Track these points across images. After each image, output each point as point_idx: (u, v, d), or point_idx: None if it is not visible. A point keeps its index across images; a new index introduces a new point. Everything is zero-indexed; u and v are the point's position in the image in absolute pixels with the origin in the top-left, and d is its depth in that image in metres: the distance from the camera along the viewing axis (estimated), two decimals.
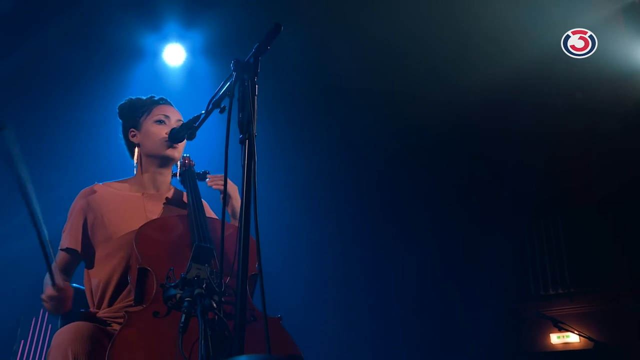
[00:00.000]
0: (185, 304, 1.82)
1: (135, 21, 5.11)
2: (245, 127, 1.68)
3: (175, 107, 2.57)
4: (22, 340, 4.81)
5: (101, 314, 2.16)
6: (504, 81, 5.15)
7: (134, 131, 2.48)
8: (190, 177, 2.48)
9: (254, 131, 1.68)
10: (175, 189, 2.56)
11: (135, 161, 2.48)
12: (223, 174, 2.34)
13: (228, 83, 1.81)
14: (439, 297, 6.16)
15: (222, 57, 5.31)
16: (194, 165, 2.58)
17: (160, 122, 2.43)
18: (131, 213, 2.31)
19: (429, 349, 5.87)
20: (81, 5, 4.83)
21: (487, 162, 6.30)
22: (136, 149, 2.48)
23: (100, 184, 2.44)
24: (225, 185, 1.89)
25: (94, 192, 2.38)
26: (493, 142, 6.09)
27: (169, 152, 2.40)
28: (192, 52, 5.49)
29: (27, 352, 4.79)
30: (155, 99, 2.55)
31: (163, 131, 2.40)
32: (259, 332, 1.83)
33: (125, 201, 2.37)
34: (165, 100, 2.56)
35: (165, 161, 2.44)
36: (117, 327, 2.03)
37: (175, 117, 2.46)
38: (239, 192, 1.67)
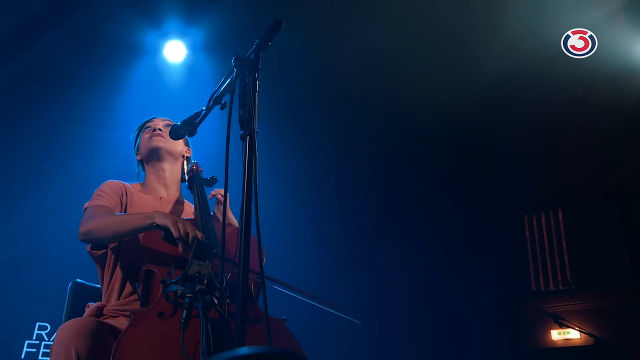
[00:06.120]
0: (187, 299, 1.83)
1: (135, 18, 5.12)
2: (246, 123, 1.68)
3: (167, 117, 2.69)
4: None
5: (109, 306, 2.18)
6: (505, 79, 5.17)
7: (138, 151, 2.64)
8: (198, 182, 2.54)
9: (255, 127, 1.68)
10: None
11: (145, 174, 2.60)
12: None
13: (229, 79, 1.80)
14: (440, 294, 6.16)
15: (222, 54, 5.31)
16: (202, 171, 2.65)
17: (147, 128, 2.62)
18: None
19: (431, 345, 5.87)
20: (82, 3, 4.84)
21: (489, 158, 6.30)
22: (143, 165, 2.62)
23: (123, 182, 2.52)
24: (225, 190, 1.85)
25: (126, 184, 2.49)
26: (494, 139, 6.09)
27: (152, 142, 2.53)
28: (192, 49, 5.49)
29: None
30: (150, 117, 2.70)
31: (148, 134, 2.56)
32: (262, 332, 1.83)
33: (147, 201, 2.45)
34: (155, 116, 2.69)
35: (153, 153, 2.54)
36: (123, 319, 2.04)
37: (161, 121, 2.60)
38: (240, 189, 1.64)
